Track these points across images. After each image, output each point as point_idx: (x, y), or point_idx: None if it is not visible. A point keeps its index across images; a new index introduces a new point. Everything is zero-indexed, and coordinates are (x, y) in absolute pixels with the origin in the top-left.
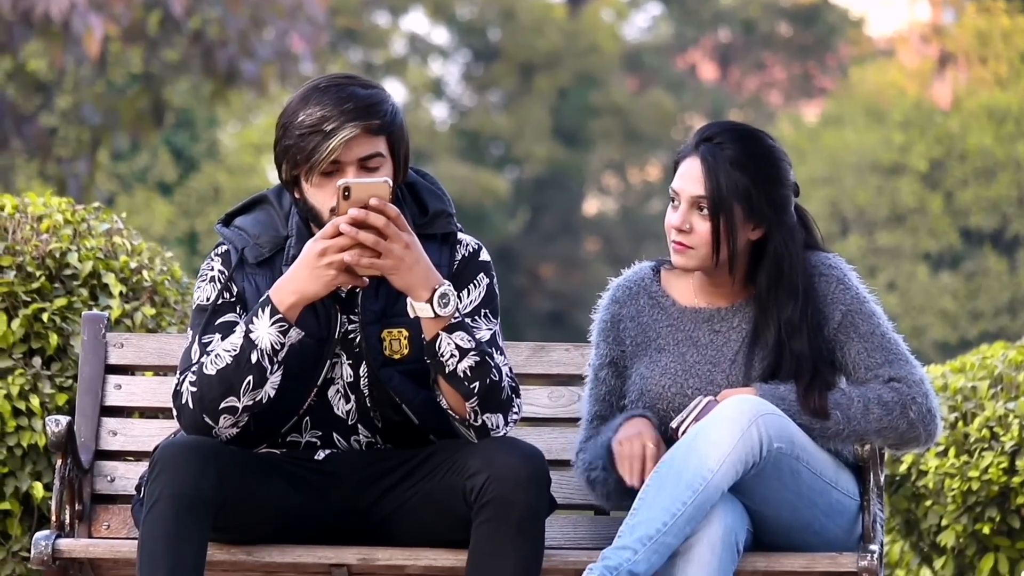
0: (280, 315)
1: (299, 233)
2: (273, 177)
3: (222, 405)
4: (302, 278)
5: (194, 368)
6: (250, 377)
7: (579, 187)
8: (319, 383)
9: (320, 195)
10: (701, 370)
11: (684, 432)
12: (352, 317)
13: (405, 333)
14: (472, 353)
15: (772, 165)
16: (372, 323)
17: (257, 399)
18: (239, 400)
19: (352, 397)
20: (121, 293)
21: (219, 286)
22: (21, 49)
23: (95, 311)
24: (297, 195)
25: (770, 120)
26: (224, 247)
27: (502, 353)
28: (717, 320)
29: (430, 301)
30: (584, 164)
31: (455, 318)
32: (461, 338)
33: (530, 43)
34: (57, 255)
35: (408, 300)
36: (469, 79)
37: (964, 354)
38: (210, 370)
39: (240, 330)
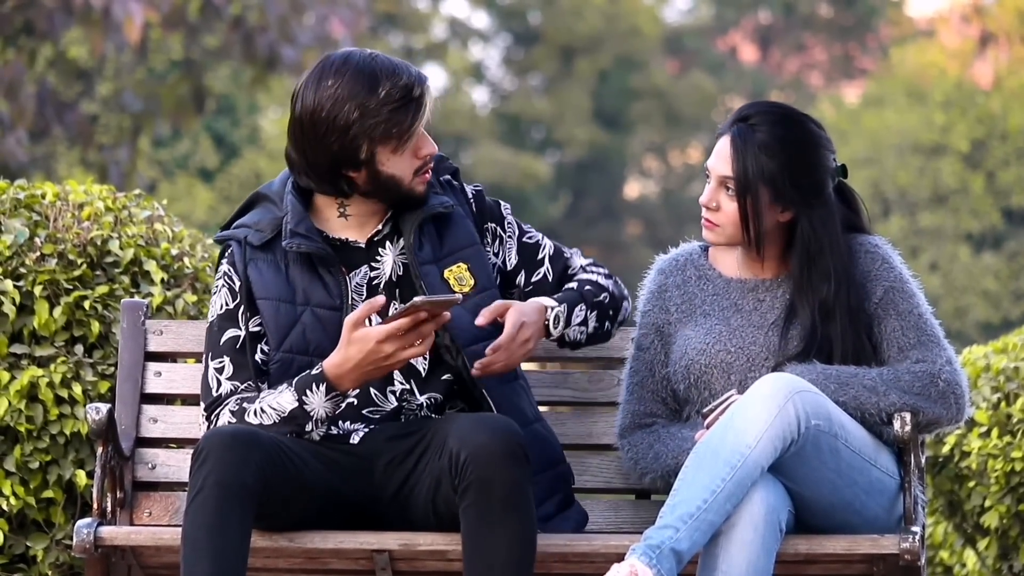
0: (337, 392)
1: (293, 208)
2: None
3: None
4: (365, 371)
5: (232, 408)
6: (294, 433)
7: (620, 170)
8: None
9: (402, 163)
10: (744, 332)
11: (711, 423)
12: (373, 264)
13: (464, 266)
14: (590, 313)
15: (804, 151)
16: (425, 263)
17: None
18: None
19: None
20: (163, 280)
21: (225, 290)
22: (62, 36)
23: (136, 299)
24: (364, 172)
25: (811, 102)
26: (228, 249)
27: (567, 254)
28: (762, 290)
29: (547, 334)
30: (625, 147)
31: (563, 312)
32: (577, 319)
33: (570, 26)
34: (98, 242)
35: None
36: (509, 63)
37: (1007, 334)
38: (252, 421)
39: (291, 395)
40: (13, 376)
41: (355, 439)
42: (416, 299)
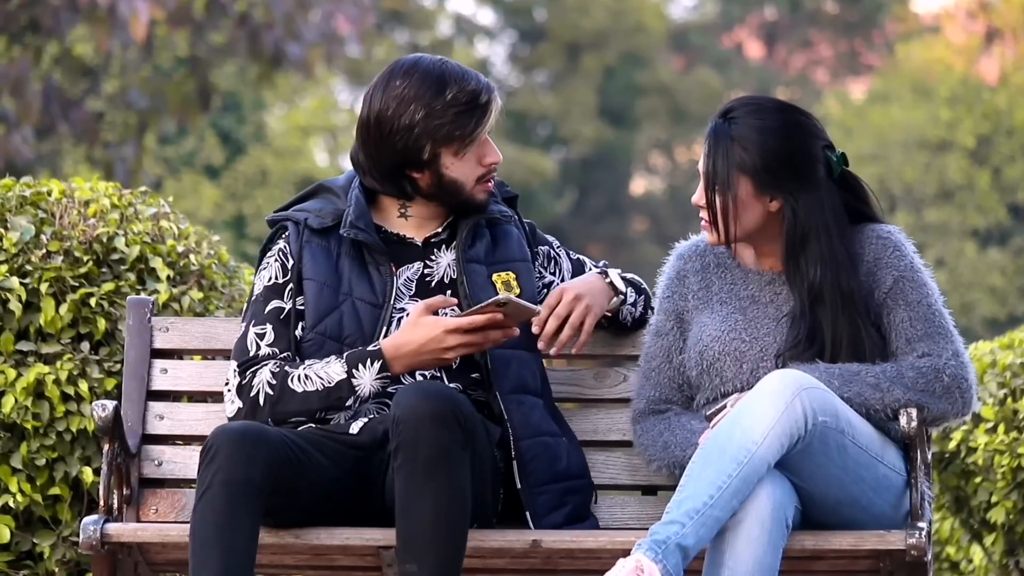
0: (388, 373)
1: (357, 203)
2: (321, 160)
3: (293, 418)
4: (421, 357)
5: (273, 369)
6: (334, 408)
7: (626, 167)
8: (388, 322)
9: (464, 167)
10: (760, 324)
11: (715, 424)
12: (428, 263)
13: (513, 275)
14: (639, 297)
15: (781, 138)
16: (474, 262)
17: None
18: (312, 418)
19: None
20: (168, 277)
21: (276, 265)
22: (67, 34)
23: (142, 295)
24: (427, 173)
25: (817, 98)
26: (285, 230)
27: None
28: (779, 283)
29: (621, 297)
30: (631, 143)
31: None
32: (631, 298)
33: (576, 23)
34: (104, 240)
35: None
36: (515, 59)
37: (1013, 330)
38: (296, 386)
39: (341, 367)
40: (19, 373)
41: (354, 429)
42: (501, 296)
